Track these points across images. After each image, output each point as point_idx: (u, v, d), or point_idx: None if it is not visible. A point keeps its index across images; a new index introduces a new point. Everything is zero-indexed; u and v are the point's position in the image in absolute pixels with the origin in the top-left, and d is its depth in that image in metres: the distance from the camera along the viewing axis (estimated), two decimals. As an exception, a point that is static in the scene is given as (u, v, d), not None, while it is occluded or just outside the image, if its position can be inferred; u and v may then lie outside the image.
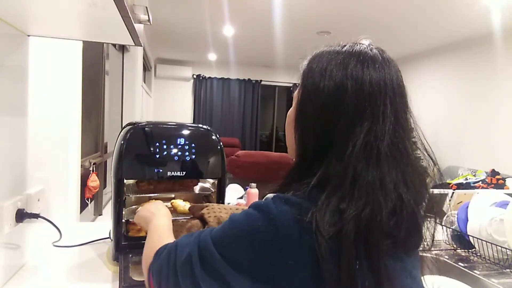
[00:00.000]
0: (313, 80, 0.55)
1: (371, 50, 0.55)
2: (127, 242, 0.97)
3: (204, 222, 0.89)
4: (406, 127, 0.53)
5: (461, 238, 1.24)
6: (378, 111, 0.51)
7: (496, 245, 1.08)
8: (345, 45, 0.57)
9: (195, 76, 6.76)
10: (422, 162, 0.56)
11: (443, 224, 1.30)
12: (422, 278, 0.57)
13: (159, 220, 0.75)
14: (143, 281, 0.79)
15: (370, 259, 0.45)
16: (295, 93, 0.61)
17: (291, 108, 0.61)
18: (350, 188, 0.47)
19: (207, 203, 0.96)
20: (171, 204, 1.13)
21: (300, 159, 0.57)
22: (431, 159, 0.56)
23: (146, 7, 0.87)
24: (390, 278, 0.46)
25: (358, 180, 0.48)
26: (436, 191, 1.34)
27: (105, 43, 2.19)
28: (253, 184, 1.60)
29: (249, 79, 6.99)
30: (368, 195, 0.47)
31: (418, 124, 0.56)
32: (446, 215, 1.34)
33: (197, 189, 1.11)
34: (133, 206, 1.14)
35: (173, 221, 0.83)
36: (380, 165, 0.49)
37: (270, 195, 0.52)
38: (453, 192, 1.47)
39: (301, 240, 0.45)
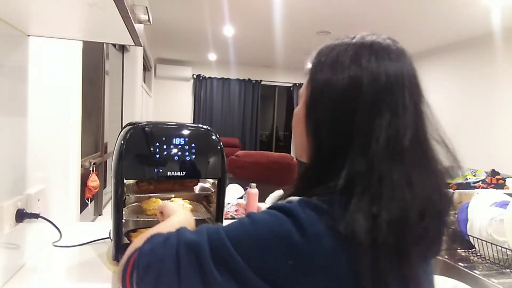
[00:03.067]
0: (324, 74, 0.52)
1: (383, 41, 0.53)
2: (127, 242, 0.97)
3: None
4: (425, 121, 0.51)
5: (461, 238, 1.24)
6: (397, 103, 0.48)
7: (496, 245, 1.08)
8: (354, 37, 0.54)
9: (195, 76, 6.76)
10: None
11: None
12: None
13: (176, 219, 0.68)
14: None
15: (403, 267, 0.43)
16: (302, 90, 0.58)
17: (298, 106, 0.59)
18: (377, 189, 0.45)
19: None
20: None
21: (315, 158, 0.53)
22: (452, 154, 0.52)
23: (146, 7, 0.86)
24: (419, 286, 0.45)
25: (384, 179, 0.45)
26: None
27: (105, 43, 2.19)
28: (253, 184, 1.60)
29: (249, 79, 6.99)
30: (396, 195, 0.44)
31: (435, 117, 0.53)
32: (446, 215, 1.34)
33: (197, 189, 1.11)
34: (134, 204, 1.14)
35: None
36: (404, 162, 0.46)
37: (294, 198, 0.48)
38: (453, 192, 1.47)
39: (335, 251, 0.42)
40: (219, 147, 1.00)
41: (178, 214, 0.70)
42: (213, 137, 1.00)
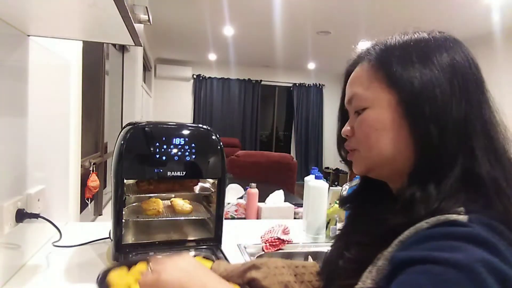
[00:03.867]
0: (420, 72, 0.48)
1: (444, 33, 0.54)
2: (127, 243, 0.97)
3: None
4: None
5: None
6: (488, 95, 0.49)
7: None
8: (421, 32, 0.53)
9: (195, 76, 6.76)
10: None
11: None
12: None
13: None
14: (143, 281, 0.79)
15: None
16: (368, 93, 0.52)
17: (371, 112, 0.52)
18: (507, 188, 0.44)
19: (251, 262, 0.65)
20: (171, 203, 1.13)
21: (434, 165, 0.47)
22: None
23: (146, 7, 0.87)
24: None
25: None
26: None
27: (105, 43, 2.19)
28: (253, 184, 1.60)
29: (249, 79, 6.99)
30: None
31: None
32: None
33: (197, 189, 1.12)
34: (134, 204, 1.14)
35: None
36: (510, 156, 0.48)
37: (461, 217, 0.41)
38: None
39: None
40: (219, 147, 1.00)
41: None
42: (213, 137, 1.00)
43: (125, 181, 0.95)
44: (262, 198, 1.64)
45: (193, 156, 0.96)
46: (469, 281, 0.33)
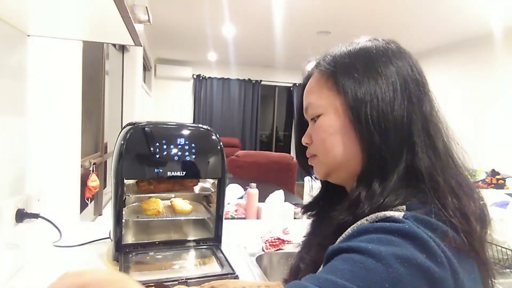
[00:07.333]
0: (366, 80, 0.51)
1: (388, 41, 0.58)
2: (127, 243, 0.97)
3: None
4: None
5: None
6: (430, 95, 0.53)
7: (496, 245, 1.08)
8: (365, 41, 0.57)
9: (195, 76, 6.76)
10: None
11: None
12: None
13: None
14: (143, 281, 0.79)
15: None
16: (321, 102, 0.56)
17: (325, 118, 0.55)
18: (451, 181, 0.47)
19: (209, 284, 0.60)
20: (171, 202, 1.13)
21: (380, 163, 0.49)
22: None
23: (146, 7, 0.87)
24: None
25: (448, 170, 0.48)
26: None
27: (105, 43, 2.19)
28: (253, 184, 1.60)
29: (249, 79, 6.99)
30: (463, 186, 0.47)
31: None
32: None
33: (197, 189, 1.12)
34: (134, 204, 1.14)
35: None
36: (450, 152, 0.51)
37: (397, 214, 0.43)
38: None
39: (460, 270, 0.38)
40: (219, 147, 1.00)
41: None
42: (213, 137, 1.00)
43: (125, 181, 0.94)
44: (262, 198, 1.65)
45: (193, 156, 0.96)
46: (386, 273, 0.35)
